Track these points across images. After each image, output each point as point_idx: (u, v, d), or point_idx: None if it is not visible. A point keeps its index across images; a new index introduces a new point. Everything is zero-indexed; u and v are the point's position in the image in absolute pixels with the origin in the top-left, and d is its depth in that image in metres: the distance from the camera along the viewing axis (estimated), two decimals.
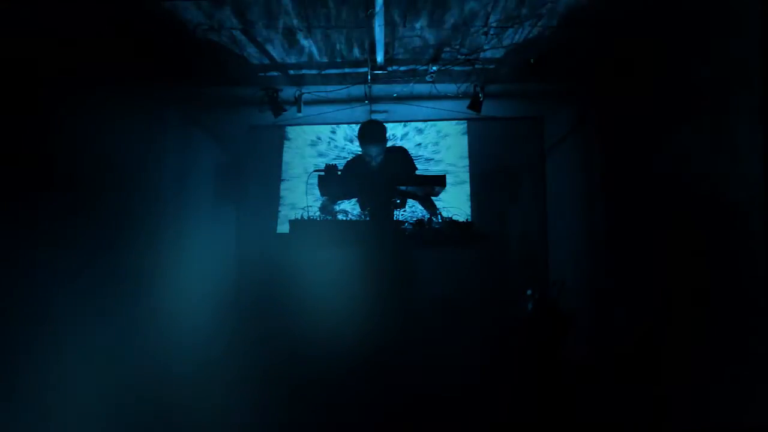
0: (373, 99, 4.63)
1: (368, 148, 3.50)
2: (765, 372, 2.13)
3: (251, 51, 3.81)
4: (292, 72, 4.21)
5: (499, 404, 3.03)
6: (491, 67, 4.10)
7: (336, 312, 3.11)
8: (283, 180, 4.91)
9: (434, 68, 4.07)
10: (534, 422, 2.91)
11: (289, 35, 3.57)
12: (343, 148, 4.94)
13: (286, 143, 4.97)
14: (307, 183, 3.54)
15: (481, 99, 4.30)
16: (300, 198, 4.27)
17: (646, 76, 3.31)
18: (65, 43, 2.85)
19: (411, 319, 3.25)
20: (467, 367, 3.23)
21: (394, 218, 3.31)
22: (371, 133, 3.52)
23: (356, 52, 3.89)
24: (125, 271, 3.28)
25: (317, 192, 3.38)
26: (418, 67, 4.09)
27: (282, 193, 4.89)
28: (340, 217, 3.31)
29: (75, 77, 2.93)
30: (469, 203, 4.84)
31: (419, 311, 3.34)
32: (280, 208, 4.83)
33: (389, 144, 3.68)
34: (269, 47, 3.77)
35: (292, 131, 4.97)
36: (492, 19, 3.35)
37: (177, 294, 3.84)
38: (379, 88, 4.49)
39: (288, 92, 4.43)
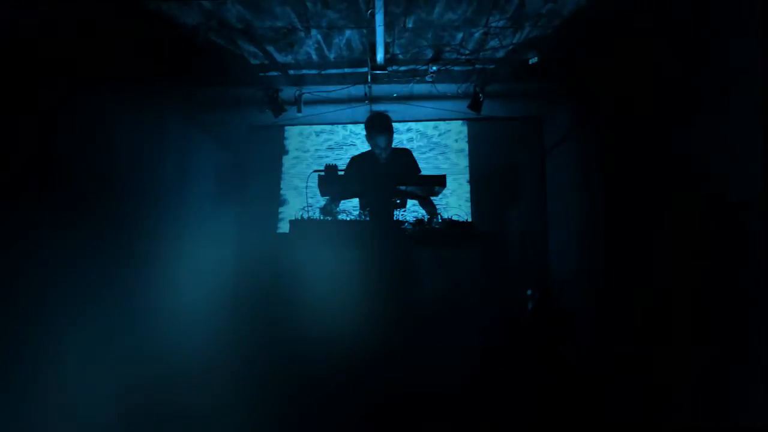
0: (373, 99, 4.63)
1: (378, 138, 3.55)
2: (765, 372, 2.13)
3: (251, 51, 3.81)
4: (292, 72, 4.21)
5: (498, 404, 3.03)
6: (491, 67, 4.10)
7: (335, 312, 3.12)
8: None
9: (434, 68, 4.07)
10: (534, 422, 2.91)
11: (289, 35, 3.57)
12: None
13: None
14: (306, 183, 3.55)
15: (481, 99, 4.30)
16: None
17: (646, 76, 3.31)
18: (65, 43, 2.85)
19: (410, 319, 3.25)
20: (467, 367, 3.23)
21: (394, 218, 3.31)
22: (380, 122, 3.59)
23: (356, 52, 3.89)
24: (126, 270, 3.28)
25: (317, 192, 3.39)
26: (418, 67, 4.09)
27: None
28: (340, 217, 3.31)
29: (75, 77, 2.93)
30: (469, 203, 4.85)
31: (419, 311, 3.34)
32: None
33: (393, 145, 3.70)
34: (269, 47, 3.77)
35: None
36: (492, 19, 3.35)
37: (177, 294, 3.84)
38: (379, 88, 4.49)
39: (288, 92, 4.43)
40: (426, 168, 4.74)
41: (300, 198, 4.77)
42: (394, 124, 3.69)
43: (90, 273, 2.90)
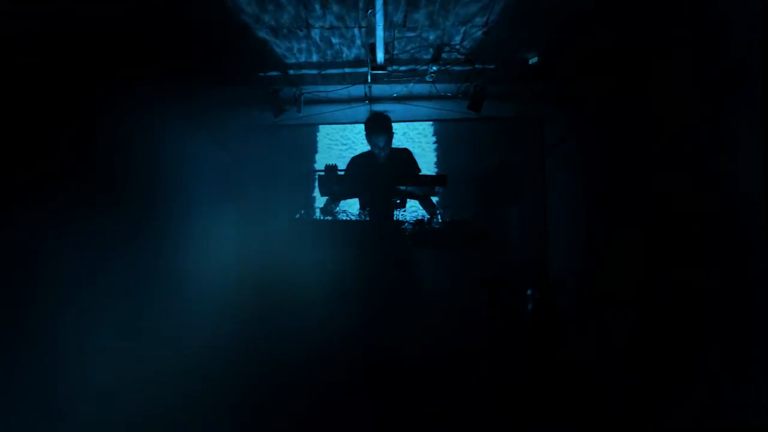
0: (373, 99, 4.63)
1: (377, 138, 3.57)
2: (765, 372, 2.13)
3: (251, 51, 3.80)
4: (292, 72, 4.21)
5: (498, 404, 3.04)
6: (491, 67, 4.10)
7: (335, 312, 3.12)
8: None
9: (434, 68, 4.07)
10: (534, 421, 2.91)
11: (289, 35, 3.57)
12: None
13: None
14: (306, 183, 3.55)
15: (481, 99, 4.30)
16: None
17: (646, 76, 3.31)
18: (64, 42, 2.85)
19: (410, 318, 3.25)
20: (466, 367, 3.23)
21: (394, 218, 3.31)
22: (379, 122, 3.61)
23: (356, 52, 3.89)
24: (125, 271, 3.28)
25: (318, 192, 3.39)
26: (418, 67, 4.09)
27: None
28: (340, 217, 3.32)
29: (74, 77, 2.94)
30: (469, 203, 4.85)
31: (418, 311, 3.34)
32: None
33: (393, 145, 3.71)
34: (269, 47, 3.77)
35: None
36: (492, 19, 3.34)
37: (177, 293, 3.84)
38: (379, 88, 4.49)
39: (288, 92, 4.43)
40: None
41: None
42: (394, 124, 3.69)
43: (89, 273, 2.90)
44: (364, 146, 3.99)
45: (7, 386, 2.27)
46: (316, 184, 3.30)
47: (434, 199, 3.91)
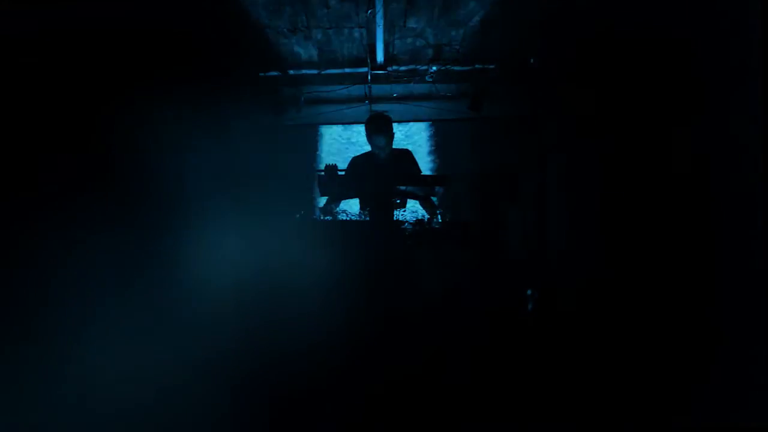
0: (373, 99, 4.63)
1: (377, 138, 3.56)
2: (765, 372, 2.13)
3: (252, 51, 3.81)
4: (292, 72, 4.21)
5: (499, 404, 3.03)
6: (491, 67, 4.10)
7: (335, 312, 3.12)
8: None
9: (434, 68, 4.07)
10: (533, 421, 2.91)
11: (290, 35, 3.57)
12: None
13: None
14: (307, 183, 3.55)
15: (481, 99, 4.30)
16: None
17: (646, 76, 3.31)
18: (64, 42, 2.85)
19: (410, 319, 3.25)
20: (466, 367, 3.23)
21: (394, 218, 3.32)
22: (379, 122, 3.60)
23: (356, 52, 3.90)
24: (125, 270, 3.28)
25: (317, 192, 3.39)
26: (418, 67, 4.10)
27: None
28: (340, 217, 3.32)
29: (75, 77, 2.94)
30: (469, 203, 4.85)
31: (418, 311, 3.34)
32: None
33: (393, 146, 3.71)
34: (270, 47, 3.77)
35: None
36: (492, 19, 3.35)
37: (177, 293, 3.83)
38: (379, 88, 4.50)
39: (288, 92, 4.44)
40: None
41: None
42: (394, 124, 3.69)
43: (89, 273, 2.90)
44: (364, 146, 4.00)
45: (7, 386, 2.27)
46: (316, 183, 3.29)
47: (434, 199, 3.91)
